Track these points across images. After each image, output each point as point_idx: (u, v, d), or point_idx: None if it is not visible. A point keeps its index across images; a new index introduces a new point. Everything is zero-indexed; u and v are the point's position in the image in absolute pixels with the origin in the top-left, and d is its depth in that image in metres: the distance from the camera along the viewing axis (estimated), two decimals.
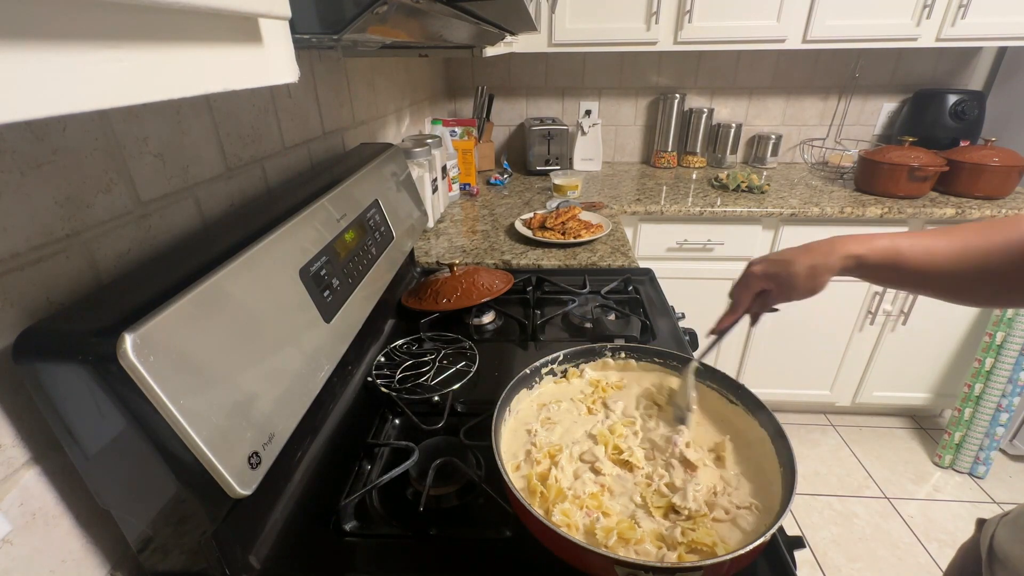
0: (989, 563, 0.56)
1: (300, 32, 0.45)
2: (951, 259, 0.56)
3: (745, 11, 1.68)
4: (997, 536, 0.56)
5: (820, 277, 0.62)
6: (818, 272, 0.62)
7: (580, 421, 0.69)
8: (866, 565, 1.54)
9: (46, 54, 0.15)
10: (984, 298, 0.58)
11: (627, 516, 0.55)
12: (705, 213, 1.66)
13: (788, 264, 0.63)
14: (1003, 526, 0.56)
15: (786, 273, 0.63)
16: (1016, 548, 0.51)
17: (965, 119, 1.90)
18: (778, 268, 0.64)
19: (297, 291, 0.60)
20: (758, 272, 0.66)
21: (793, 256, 0.63)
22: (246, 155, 0.76)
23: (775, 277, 0.65)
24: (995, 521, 0.59)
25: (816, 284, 0.62)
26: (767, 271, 0.65)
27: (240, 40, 0.24)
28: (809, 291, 0.63)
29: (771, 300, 0.66)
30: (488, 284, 1.01)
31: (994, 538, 0.56)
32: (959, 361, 1.85)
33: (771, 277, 0.65)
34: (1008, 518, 0.57)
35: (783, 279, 0.64)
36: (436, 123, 1.78)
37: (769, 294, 0.66)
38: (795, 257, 0.63)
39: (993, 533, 0.57)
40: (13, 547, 0.43)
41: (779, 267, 0.64)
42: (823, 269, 0.62)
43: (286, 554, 0.56)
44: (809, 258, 0.62)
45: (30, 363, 0.40)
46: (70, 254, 0.48)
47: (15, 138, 0.42)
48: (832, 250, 0.61)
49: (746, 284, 0.67)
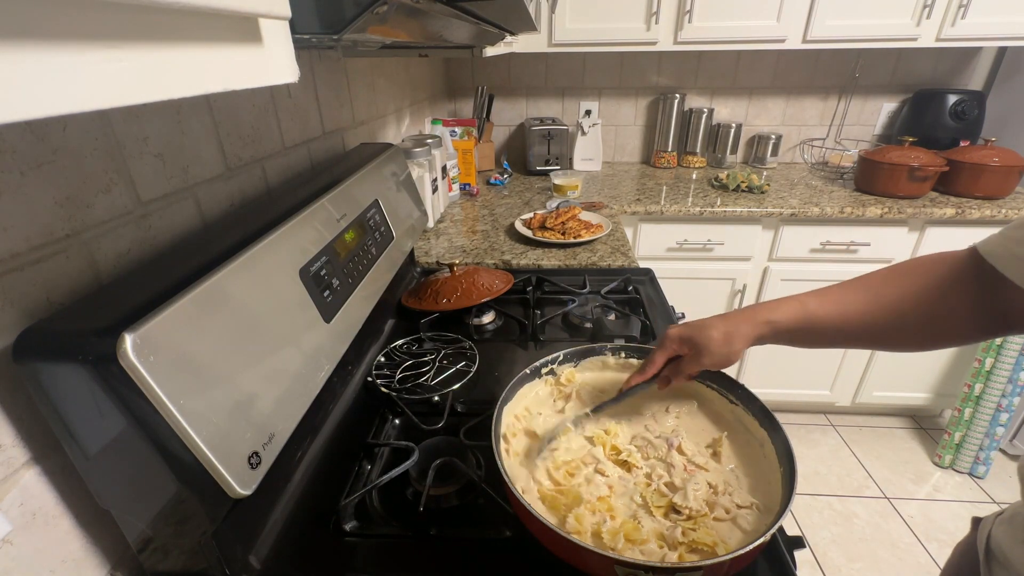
0: (987, 563, 0.56)
1: (300, 32, 0.45)
2: (865, 312, 0.56)
3: (745, 11, 1.68)
4: (994, 535, 0.56)
5: (734, 344, 0.61)
6: (732, 339, 0.60)
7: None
8: (866, 565, 1.54)
9: (46, 54, 0.15)
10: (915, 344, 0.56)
11: (629, 516, 0.55)
12: (705, 213, 1.66)
13: (704, 329, 0.62)
14: (999, 525, 0.56)
15: (701, 337, 0.62)
16: (1016, 549, 0.51)
17: (965, 119, 1.90)
18: (693, 332, 0.63)
19: (297, 291, 0.60)
20: (673, 335, 0.65)
21: (711, 322, 0.63)
22: (246, 155, 0.76)
23: (689, 340, 0.63)
24: (991, 520, 0.58)
25: (730, 351, 0.61)
26: (683, 334, 0.64)
27: (240, 40, 0.24)
28: (724, 358, 0.61)
29: (685, 366, 0.65)
30: (488, 284, 1.01)
31: (991, 537, 0.56)
32: (959, 361, 1.85)
33: (686, 341, 0.64)
34: (1004, 517, 0.56)
35: (697, 343, 0.62)
36: (436, 123, 1.78)
37: (683, 361, 0.65)
38: (712, 323, 0.62)
39: (990, 533, 0.57)
40: (13, 547, 0.43)
41: (695, 331, 0.63)
42: (737, 336, 0.60)
43: (286, 554, 0.56)
44: (724, 324, 0.61)
45: (30, 363, 0.40)
46: (70, 254, 0.48)
47: (15, 138, 0.42)
48: (748, 317, 0.61)
49: (660, 345, 0.66)
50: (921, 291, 0.54)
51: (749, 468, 0.62)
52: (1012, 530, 0.53)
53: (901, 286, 0.55)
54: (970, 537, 0.62)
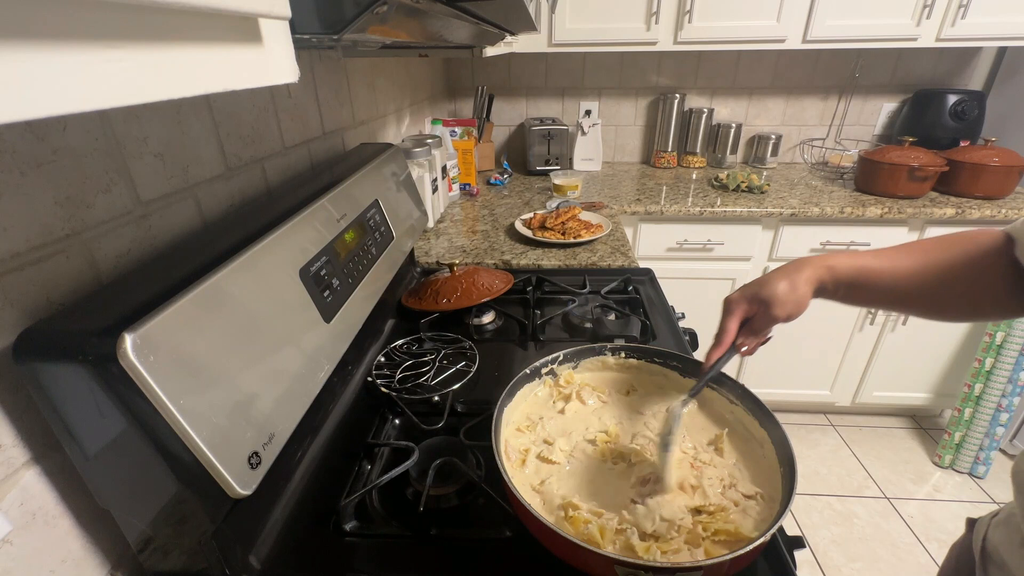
0: (983, 564, 0.56)
1: (300, 32, 0.45)
2: (915, 273, 0.58)
3: (745, 11, 1.68)
4: (990, 537, 0.56)
5: (799, 289, 0.61)
6: (796, 284, 0.61)
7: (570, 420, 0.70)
8: (866, 565, 1.54)
9: (46, 54, 0.15)
10: (954, 313, 0.59)
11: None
12: (705, 213, 1.66)
13: (766, 283, 0.62)
14: (995, 527, 0.56)
15: (766, 292, 0.62)
16: (1013, 551, 0.51)
17: (965, 119, 1.90)
18: (756, 288, 0.63)
19: (297, 291, 0.60)
20: (735, 297, 0.64)
21: (771, 276, 0.63)
22: (246, 155, 0.76)
23: (755, 298, 0.63)
24: (986, 521, 0.58)
25: (799, 297, 0.61)
26: (745, 294, 0.64)
27: (240, 40, 0.24)
28: (795, 305, 0.61)
29: (757, 325, 0.64)
30: (488, 284, 1.01)
31: (987, 539, 0.56)
32: (959, 361, 1.85)
33: (751, 299, 0.63)
34: (999, 519, 0.56)
35: (764, 297, 0.62)
36: (436, 123, 1.78)
37: (755, 319, 0.64)
38: (772, 276, 0.63)
39: (986, 535, 0.57)
40: (13, 547, 0.43)
41: (757, 287, 0.63)
42: (801, 281, 0.61)
43: (286, 554, 0.56)
44: (786, 274, 0.62)
45: (30, 363, 0.40)
46: (70, 254, 0.48)
47: (15, 138, 0.42)
48: (806, 263, 0.62)
49: (728, 311, 0.65)
50: (965, 263, 0.56)
51: (749, 463, 0.62)
52: (1008, 532, 0.52)
53: (950, 252, 0.57)
54: (965, 538, 0.62)
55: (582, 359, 0.76)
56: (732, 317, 0.64)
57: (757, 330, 0.64)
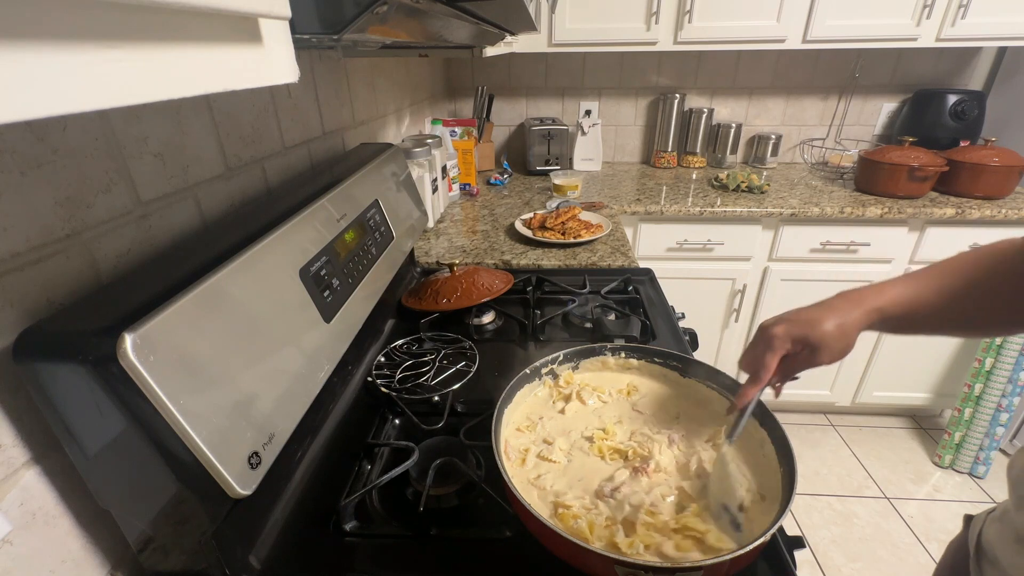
0: (977, 560, 0.56)
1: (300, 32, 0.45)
2: (959, 293, 0.55)
3: (745, 11, 1.68)
4: (985, 533, 0.56)
5: (849, 336, 0.57)
6: (847, 330, 0.57)
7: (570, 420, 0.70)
8: (866, 565, 1.54)
9: (46, 54, 0.15)
10: (1003, 328, 0.56)
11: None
12: (705, 213, 1.66)
13: (815, 323, 0.57)
14: (990, 524, 0.56)
15: (816, 335, 0.57)
16: (1006, 548, 0.51)
17: (965, 119, 1.90)
18: (805, 330, 0.57)
19: (297, 291, 0.60)
20: (781, 333, 0.59)
21: (820, 315, 0.58)
22: (246, 155, 0.76)
23: (802, 340, 0.58)
24: (982, 518, 0.58)
25: (846, 344, 0.57)
26: (792, 333, 0.58)
27: (240, 40, 0.24)
28: (840, 352, 0.57)
29: (796, 366, 0.60)
30: (488, 284, 1.01)
31: (982, 535, 0.56)
32: (959, 361, 1.85)
33: (798, 340, 0.58)
34: (995, 515, 0.56)
35: (812, 341, 0.57)
36: (436, 123, 1.78)
37: (795, 359, 0.60)
38: (820, 316, 0.57)
39: (981, 531, 0.57)
40: (13, 547, 0.43)
41: (806, 328, 0.57)
42: (851, 326, 0.57)
43: (286, 554, 0.56)
44: (834, 315, 0.57)
45: (30, 363, 0.40)
46: (70, 254, 0.48)
47: (15, 138, 0.42)
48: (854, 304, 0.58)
49: (770, 346, 0.59)
50: (1005, 278, 0.53)
51: (749, 458, 0.62)
52: (1002, 528, 0.52)
53: (988, 271, 0.55)
54: (962, 535, 0.62)
55: (582, 359, 0.76)
56: (774, 354, 0.59)
57: (793, 370, 0.60)
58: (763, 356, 0.59)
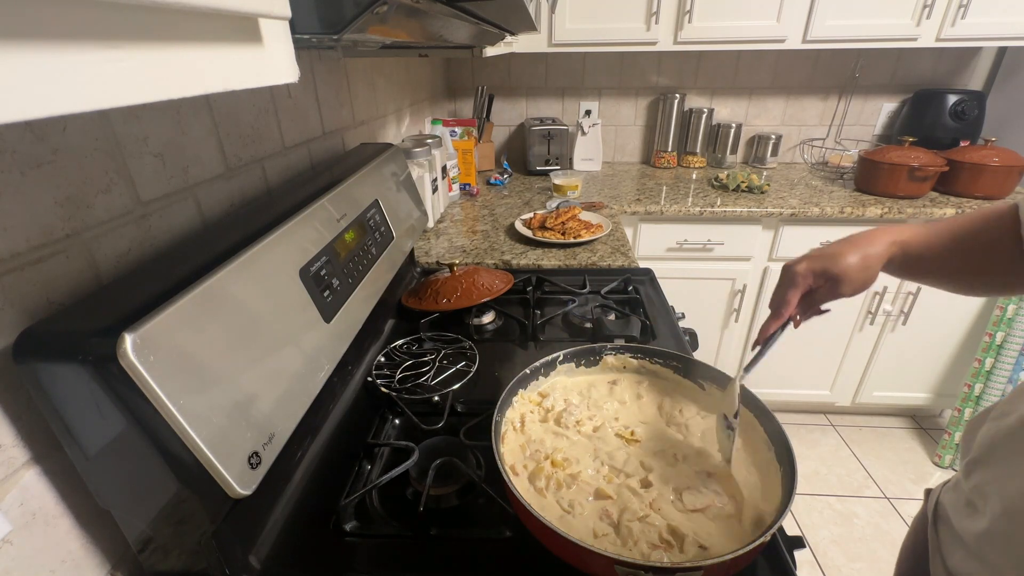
0: (935, 524, 0.58)
1: (300, 32, 0.45)
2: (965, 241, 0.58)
3: (745, 11, 1.68)
4: (941, 501, 0.58)
5: (872, 267, 0.59)
6: (870, 262, 0.59)
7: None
8: (866, 565, 1.54)
9: (46, 54, 0.15)
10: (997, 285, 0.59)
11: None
12: (705, 213, 1.66)
13: (837, 257, 0.59)
14: (946, 492, 0.58)
15: (838, 267, 0.59)
16: (958, 513, 0.53)
17: (965, 119, 1.90)
18: (826, 263, 0.60)
19: (297, 291, 0.60)
20: (803, 270, 0.61)
21: (839, 249, 0.60)
22: (246, 155, 0.76)
23: (824, 273, 0.60)
24: (939, 489, 0.61)
25: (869, 275, 0.59)
26: (814, 267, 0.61)
27: (240, 40, 0.24)
28: (863, 283, 0.59)
29: (819, 299, 0.62)
30: (488, 284, 1.01)
31: (938, 503, 0.58)
32: (959, 361, 1.85)
33: (820, 274, 0.60)
34: (949, 485, 0.58)
35: (834, 274, 0.59)
36: (436, 123, 1.78)
37: (817, 293, 0.62)
38: (842, 250, 0.60)
39: (938, 499, 0.59)
40: (13, 547, 0.43)
41: (827, 262, 0.60)
42: (874, 258, 0.59)
43: (286, 554, 0.56)
44: (857, 248, 0.59)
45: (30, 363, 0.40)
46: (70, 254, 0.48)
47: (15, 138, 0.42)
48: (876, 238, 0.60)
49: (792, 283, 0.62)
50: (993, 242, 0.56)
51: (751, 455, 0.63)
52: (955, 495, 0.55)
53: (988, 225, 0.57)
54: (923, 508, 0.64)
55: (582, 359, 0.77)
56: (796, 290, 0.62)
57: (817, 303, 0.62)
58: (785, 293, 0.62)
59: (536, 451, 0.64)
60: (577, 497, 0.58)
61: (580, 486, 0.59)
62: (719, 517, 0.55)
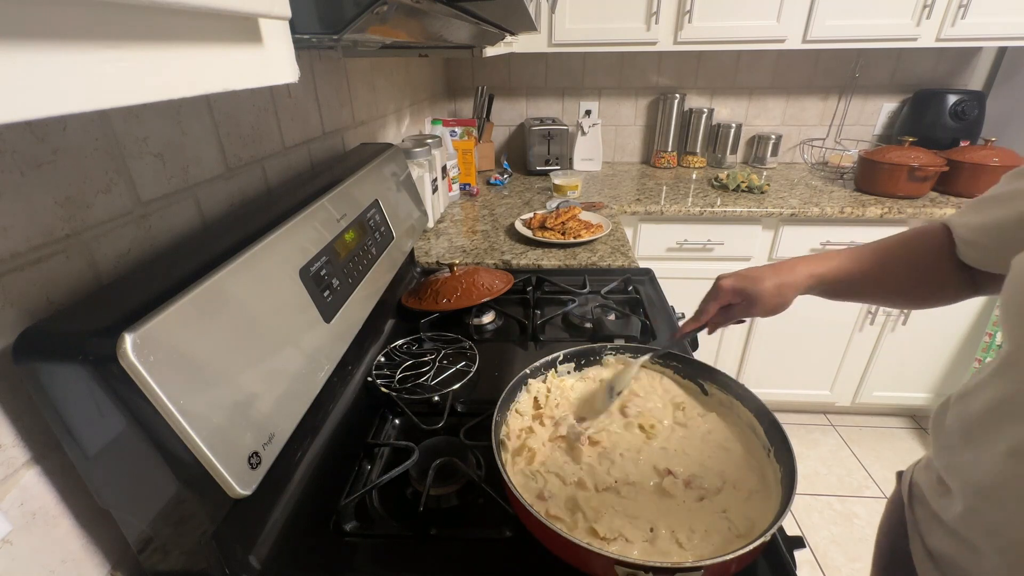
0: (910, 504, 0.59)
1: (300, 32, 0.45)
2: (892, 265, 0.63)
3: (745, 11, 1.68)
4: (915, 480, 0.59)
5: (786, 296, 0.66)
6: (784, 291, 0.66)
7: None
8: (866, 565, 1.53)
9: (46, 54, 0.15)
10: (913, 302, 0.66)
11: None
12: (705, 213, 1.66)
13: (756, 281, 0.67)
14: (919, 471, 0.60)
15: (754, 289, 0.67)
16: (932, 490, 0.54)
17: (965, 119, 1.90)
18: (747, 284, 0.68)
19: (297, 291, 0.60)
20: (727, 287, 0.70)
21: (761, 274, 0.67)
22: (246, 155, 0.76)
23: (742, 292, 0.68)
24: (911, 468, 0.62)
25: (781, 302, 0.67)
26: (735, 286, 0.69)
27: (240, 40, 0.24)
28: (774, 308, 0.67)
29: (735, 314, 0.71)
30: (488, 284, 1.01)
31: (912, 482, 0.60)
32: (959, 361, 1.85)
33: (739, 292, 0.69)
34: (920, 465, 0.60)
35: (750, 295, 0.67)
36: (436, 123, 1.78)
37: (734, 308, 0.70)
38: (763, 275, 0.67)
39: (911, 479, 0.60)
40: (13, 547, 0.43)
41: (748, 283, 0.68)
42: (789, 287, 0.66)
43: (286, 554, 0.56)
44: (777, 276, 0.66)
45: (30, 363, 0.40)
46: (70, 254, 0.48)
47: (15, 138, 0.42)
48: (796, 269, 0.66)
49: (714, 296, 0.71)
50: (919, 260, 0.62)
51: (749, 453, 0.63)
52: (928, 474, 0.56)
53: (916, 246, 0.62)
54: (896, 490, 0.65)
55: (582, 359, 0.76)
56: (716, 302, 0.71)
57: (732, 317, 0.72)
58: (708, 302, 0.72)
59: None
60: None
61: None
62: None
